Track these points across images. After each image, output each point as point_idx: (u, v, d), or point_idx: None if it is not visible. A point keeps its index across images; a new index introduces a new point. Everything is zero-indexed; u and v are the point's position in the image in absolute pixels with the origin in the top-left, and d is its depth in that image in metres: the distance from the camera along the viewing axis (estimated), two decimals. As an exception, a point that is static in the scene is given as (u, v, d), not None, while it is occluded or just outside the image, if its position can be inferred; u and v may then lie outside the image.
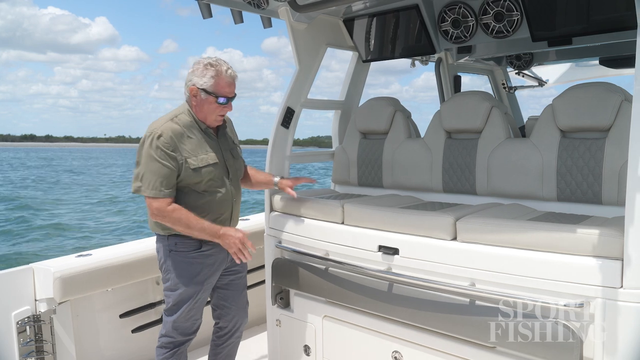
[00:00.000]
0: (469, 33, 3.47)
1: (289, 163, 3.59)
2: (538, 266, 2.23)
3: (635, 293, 2.02)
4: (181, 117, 2.79)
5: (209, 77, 2.73)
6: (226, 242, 2.75)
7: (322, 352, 3.12)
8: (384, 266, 2.73)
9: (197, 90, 2.75)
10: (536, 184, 2.88)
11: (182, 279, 2.81)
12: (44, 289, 3.15)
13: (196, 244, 2.80)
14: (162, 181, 2.66)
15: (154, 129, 2.70)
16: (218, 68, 2.74)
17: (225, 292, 3.06)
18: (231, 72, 2.80)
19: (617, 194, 2.59)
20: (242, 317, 3.15)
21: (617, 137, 2.62)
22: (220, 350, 3.15)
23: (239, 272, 3.10)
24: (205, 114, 2.80)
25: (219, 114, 2.83)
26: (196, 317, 2.92)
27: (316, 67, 3.65)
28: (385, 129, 3.67)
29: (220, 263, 2.92)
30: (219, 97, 2.75)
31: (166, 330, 2.89)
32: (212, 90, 2.74)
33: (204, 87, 2.73)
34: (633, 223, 1.99)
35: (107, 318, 3.55)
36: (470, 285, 2.41)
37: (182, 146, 2.73)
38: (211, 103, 2.76)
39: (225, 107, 2.82)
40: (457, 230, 2.53)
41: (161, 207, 2.68)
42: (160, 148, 2.66)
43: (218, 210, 2.85)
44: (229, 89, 2.79)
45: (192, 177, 2.74)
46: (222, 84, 2.75)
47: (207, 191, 2.80)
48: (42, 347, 3.14)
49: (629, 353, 2.04)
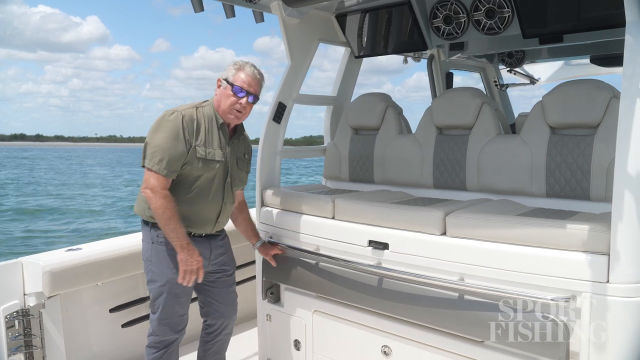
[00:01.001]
0: (460, 29, 3.48)
1: (280, 158, 3.59)
2: (526, 261, 2.25)
3: (621, 287, 2.04)
4: (205, 108, 2.85)
5: (233, 69, 2.83)
6: (184, 258, 2.68)
7: (312, 347, 3.13)
8: (374, 261, 2.74)
9: (221, 81, 2.84)
10: (526, 180, 2.90)
11: (163, 271, 2.79)
12: (33, 283, 3.13)
13: None
14: (169, 161, 2.67)
15: (179, 110, 2.75)
16: (244, 64, 2.86)
17: (212, 289, 3.04)
18: (255, 70, 2.87)
19: (605, 190, 2.61)
20: (230, 315, 3.13)
21: (605, 134, 2.64)
22: (209, 347, 3.15)
23: (226, 270, 3.08)
24: (223, 105, 2.84)
25: (235, 108, 2.83)
26: (181, 312, 2.88)
27: (308, 62, 3.65)
28: (376, 124, 3.68)
29: (204, 257, 2.87)
30: (235, 87, 2.79)
31: (153, 328, 2.86)
32: (231, 81, 2.81)
33: (226, 77, 2.82)
34: (620, 218, 2.01)
35: (96, 312, 3.54)
36: (459, 280, 2.43)
37: (198, 134, 2.77)
38: (228, 94, 2.81)
39: (242, 102, 2.82)
40: (447, 225, 2.55)
41: (157, 186, 2.66)
42: (176, 128, 2.69)
43: (204, 209, 2.84)
44: (248, 83, 2.82)
45: (194, 167, 2.75)
46: (243, 76, 2.83)
47: (200, 187, 2.79)
48: (30, 341, 3.12)
49: (615, 347, 2.06)
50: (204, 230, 2.89)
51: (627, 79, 2.06)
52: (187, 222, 2.77)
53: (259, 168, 3.44)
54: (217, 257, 3.00)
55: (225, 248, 3.07)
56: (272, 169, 3.52)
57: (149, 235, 2.82)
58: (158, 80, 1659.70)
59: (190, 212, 2.78)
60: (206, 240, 2.92)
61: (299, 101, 3.69)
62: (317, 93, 4.10)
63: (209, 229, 2.91)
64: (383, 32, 3.80)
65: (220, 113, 2.85)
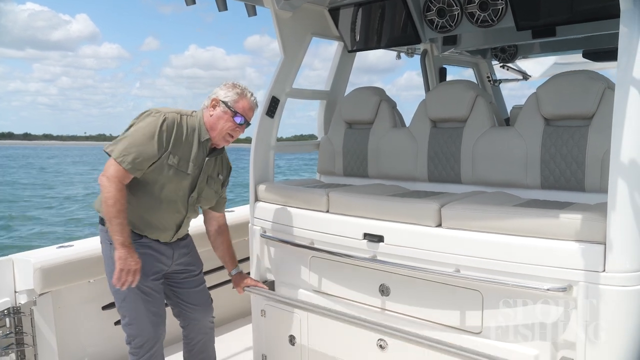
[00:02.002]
0: (454, 22, 3.47)
1: (274, 153, 3.56)
2: (522, 251, 2.24)
3: (617, 277, 2.03)
4: (190, 119, 2.79)
5: (234, 94, 2.79)
6: (123, 256, 2.56)
7: (307, 342, 3.11)
8: (369, 254, 2.72)
9: (218, 102, 2.79)
10: (520, 172, 2.89)
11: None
12: (24, 280, 3.09)
13: (135, 236, 2.69)
14: (136, 157, 2.59)
15: (162, 112, 2.69)
16: (244, 90, 2.83)
17: (179, 290, 2.98)
18: (254, 99, 2.86)
19: (600, 180, 2.61)
20: (203, 314, 3.05)
21: (600, 125, 2.64)
22: (191, 348, 3.10)
23: (192, 270, 3.02)
24: (218, 128, 2.79)
25: (229, 133, 2.81)
26: (155, 310, 2.78)
27: (301, 56, 3.63)
28: (370, 118, 3.66)
29: (164, 258, 2.83)
30: (237, 115, 2.77)
31: (128, 334, 2.76)
32: (232, 106, 2.77)
33: (226, 100, 2.77)
34: (615, 207, 2.01)
35: (89, 310, 3.50)
36: (454, 272, 2.41)
37: (175, 141, 2.69)
38: (228, 119, 2.78)
39: (238, 129, 2.82)
40: (442, 216, 2.53)
41: (115, 177, 2.56)
42: (156, 128, 2.62)
43: (165, 217, 2.78)
44: (249, 112, 2.84)
45: (162, 173, 2.68)
46: (244, 103, 2.81)
47: (163, 194, 2.73)
48: (22, 339, 3.08)
49: (611, 336, 2.06)
50: (161, 237, 2.82)
51: (622, 68, 2.06)
52: (147, 227, 2.74)
53: (253, 163, 3.41)
54: (181, 257, 2.94)
55: (188, 248, 3.01)
56: (265, 164, 3.50)
57: (106, 237, 2.71)
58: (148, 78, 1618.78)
59: (151, 218, 2.74)
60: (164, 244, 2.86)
61: (293, 95, 3.66)
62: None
63: (168, 237, 2.84)
64: (376, 25, 3.79)
65: (210, 132, 2.80)
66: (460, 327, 2.46)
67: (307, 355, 3.12)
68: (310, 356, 3.11)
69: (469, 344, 2.41)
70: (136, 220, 2.71)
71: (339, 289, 2.90)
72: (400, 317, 2.67)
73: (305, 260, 3.06)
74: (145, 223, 2.74)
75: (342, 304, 2.91)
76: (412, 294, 2.62)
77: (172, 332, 3.21)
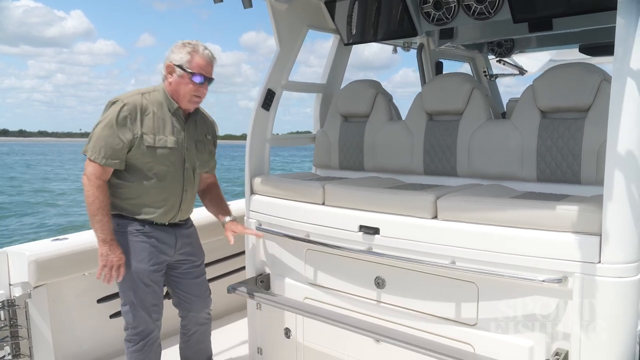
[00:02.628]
0: (450, 15, 3.46)
1: (270, 146, 3.55)
2: (518, 243, 2.24)
3: (612, 268, 2.04)
4: (153, 94, 2.76)
5: (185, 54, 2.72)
6: (104, 253, 2.63)
7: (302, 335, 3.11)
8: (365, 246, 2.71)
9: (173, 67, 2.73)
10: (516, 165, 2.89)
11: (127, 262, 2.73)
12: (18, 273, 3.08)
13: (138, 225, 2.74)
14: (107, 149, 2.61)
15: (121, 98, 2.67)
16: (195, 46, 2.74)
17: (180, 280, 2.99)
18: (208, 52, 2.77)
19: (596, 173, 2.61)
20: (201, 306, 3.06)
21: (596, 117, 2.63)
22: (188, 339, 3.11)
23: (194, 260, 3.03)
24: (180, 94, 2.76)
25: (194, 94, 2.77)
26: (153, 302, 2.82)
27: (297, 49, 3.61)
28: (366, 111, 3.65)
29: (167, 247, 2.84)
30: (194, 75, 2.71)
31: (127, 321, 2.81)
32: (187, 67, 2.71)
33: (180, 64, 2.71)
34: (611, 199, 2.01)
35: (84, 303, 3.49)
36: (450, 263, 2.41)
37: (144, 122, 2.69)
38: (187, 82, 2.73)
39: (201, 87, 2.76)
40: (438, 208, 2.53)
41: (93, 174, 2.62)
42: (119, 118, 2.63)
43: (164, 197, 2.78)
44: (206, 68, 2.76)
45: (144, 156, 2.69)
46: (198, 60, 2.73)
47: (157, 175, 2.74)
48: (17, 332, 3.07)
49: (606, 327, 2.06)
50: (166, 218, 2.82)
51: (618, 59, 2.05)
52: (148, 211, 2.74)
53: (248, 156, 3.40)
54: (184, 246, 2.94)
55: (191, 238, 3.02)
56: (261, 157, 3.48)
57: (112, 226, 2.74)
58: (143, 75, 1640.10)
59: (150, 201, 2.74)
60: (171, 229, 2.87)
61: (288, 88, 3.65)
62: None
63: (171, 216, 2.84)
64: (373, 18, 3.77)
65: (178, 101, 2.78)
66: (455, 319, 2.46)
67: (303, 348, 3.12)
68: (305, 349, 3.11)
69: (465, 335, 2.42)
70: (139, 206, 2.73)
71: (335, 281, 2.90)
72: (396, 309, 2.67)
73: (301, 253, 3.05)
74: (148, 207, 2.74)
75: (337, 297, 2.91)
76: (407, 286, 2.62)
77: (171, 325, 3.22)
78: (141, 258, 2.74)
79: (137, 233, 2.74)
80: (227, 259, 4.20)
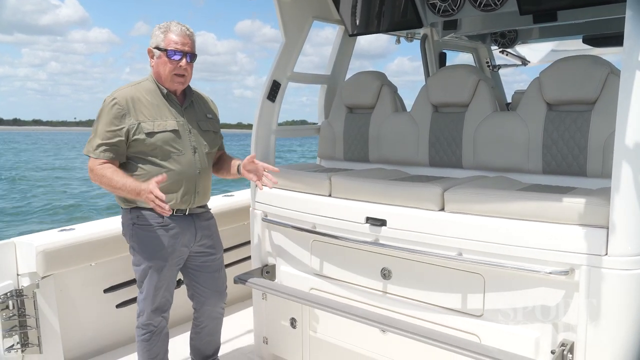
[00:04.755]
0: (456, 6, 3.45)
1: (275, 137, 3.56)
2: (525, 235, 2.26)
3: (619, 260, 2.05)
4: (144, 84, 2.80)
5: (159, 33, 2.74)
6: (145, 198, 2.60)
7: (308, 325, 3.14)
8: (372, 238, 2.73)
9: (151, 50, 2.77)
10: (522, 157, 2.90)
11: (145, 253, 2.78)
12: (26, 263, 3.10)
13: (158, 218, 2.75)
14: (103, 145, 2.67)
15: (112, 94, 2.72)
16: (168, 24, 2.76)
17: (197, 273, 3.01)
18: (183, 27, 2.76)
19: (602, 166, 2.62)
20: (216, 300, 3.08)
21: (603, 110, 2.64)
22: (199, 330, 3.13)
23: (213, 253, 3.03)
24: (162, 74, 2.77)
25: (175, 73, 2.75)
26: (165, 294, 2.86)
27: (302, 40, 3.61)
28: (371, 103, 3.65)
29: (187, 239, 2.86)
30: (169, 52, 2.71)
31: (140, 309, 2.86)
32: (163, 46, 2.73)
33: (157, 45, 2.74)
34: (619, 191, 2.02)
35: (91, 293, 3.52)
36: (457, 255, 2.43)
37: (139, 111, 2.72)
38: (164, 61, 2.73)
39: (180, 63, 2.72)
40: (445, 200, 2.55)
41: (92, 165, 2.68)
42: (112, 114, 2.67)
43: (178, 180, 2.78)
44: (181, 43, 2.73)
45: (147, 143, 2.71)
46: (172, 36, 2.73)
47: (166, 160, 2.75)
48: (25, 321, 3.10)
49: (612, 319, 2.08)
50: (185, 204, 2.83)
51: (628, 52, 2.06)
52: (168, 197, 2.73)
53: (254, 147, 3.41)
54: (203, 238, 2.95)
55: (210, 230, 3.02)
56: (267, 148, 3.49)
57: (129, 218, 2.80)
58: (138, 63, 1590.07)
59: (166, 187, 2.72)
60: (190, 219, 2.88)
61: (294, 79, 3.65)
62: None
63: (190, 201, 2.85)
64: (378, 9, 3.76)
65: (163, 83, 2.80)
66: (461, 309, 2.49)
67: (308, 338, 3.15)
68: (311, 339, 3.14)
69: (471, 326, 2.45)
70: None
71: (341, 272, 2.92)
72: (402, 300, 2.69)
73: (307, 244, 3.07)
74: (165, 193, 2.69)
75: (343, 287, 2.93)
76: (414, 278, 2.64)
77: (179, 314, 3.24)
78: (160, 254, 2.78)
79: (157, 226, 2.76)
80: (233, 249, 4.22)
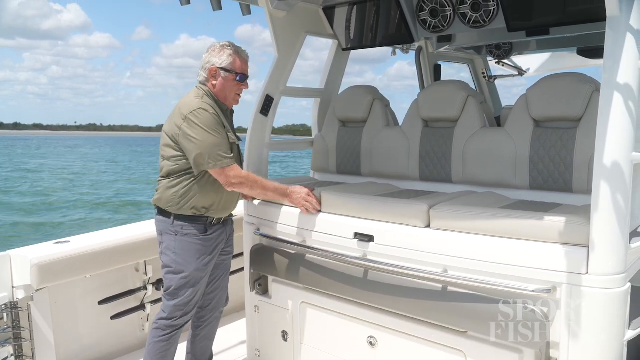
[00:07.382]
0: (446, 22, 3.49)
1: (268, 151, 3.60)
2: (508, 253, 2.29)
3: (599, 279, 2.08)
4: (205, 99, 2.88)
5: (227, 56, 2.89)
6: (294, 199, 2.97)
7: (299, 338, 3.17)
8: (360, 253, 2.77)
9: (217, 70, 2.88)
10: (509, 173, 2.93)
11: (187, 262, 2.87)
12: (21, 275, 3.14)
13: (202, 228, 2.88)
14: (223, 150, 2.78)
15: (196, 106, 2.78)
16: (235, 49, 2.92)
17: (215, 271, 3.12)
18: (246, 52, 2.97)
19: (587, 182, 2.65)
20: (224, 297, 3.24)
21: (588, 127, 2.67)
22: (199, 332, 3.19)
23: (229, 253, 3.19)
24: (226, 93, 2.93)
25: (237, 92, 2.96)
26: (197, 300, 2.98)
27: (295, 55, 3.66)
28: (363, 117, 3.69)
29: (222, 245, 3.03)
30: (238, 75, 2.89)
31: (167, 313, 2.92)
32: (231, 68, 2.87)
33: (223, 66, 2.87)
34: (598, 210, 2.05)
35: (86, 305, 3.55)
36: (443, 272, 2.46)
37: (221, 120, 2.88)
38: (231, 81, 2.90)
39: (243, 85, 2.96)
40: (431, 217, 2.58)
41: (238, 174, 2.83)
42: (210, 120, 2.77)
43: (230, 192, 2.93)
44: (246, 67, 2.97)
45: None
46: (240, 61, 2.93)
47: None
48: (19, 334, 3.13)
49: (594, 337, 2.11)
50: (225, 213, 3.00)
51: (607, 71, 2.10)
52: (213, 209, 2.89)
53: (247, 161, 3.45)
54: (229, 240, 3.13)
55: (232, 233, 3.18)
56: (259, 162, 3.53)
57: (172, 227, 2.87)
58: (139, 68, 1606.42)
59: (219, 199, 2.90)
60: (223, 226, 3.03)
61: (287, 94, 3.70)
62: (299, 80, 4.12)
63: (229, 211, 3.04)
64: (370, 24, 3.81)
65: (221, 99, 2.94)
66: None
67: (299, 350, 3.18)
68: (302, 351, 3.17)
69: (456, 343, 2.47)
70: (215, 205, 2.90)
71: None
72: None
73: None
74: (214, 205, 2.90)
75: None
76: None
77: None
78: (201, 263, 2.89)
79: (201, 237, 2.88)
80: None
